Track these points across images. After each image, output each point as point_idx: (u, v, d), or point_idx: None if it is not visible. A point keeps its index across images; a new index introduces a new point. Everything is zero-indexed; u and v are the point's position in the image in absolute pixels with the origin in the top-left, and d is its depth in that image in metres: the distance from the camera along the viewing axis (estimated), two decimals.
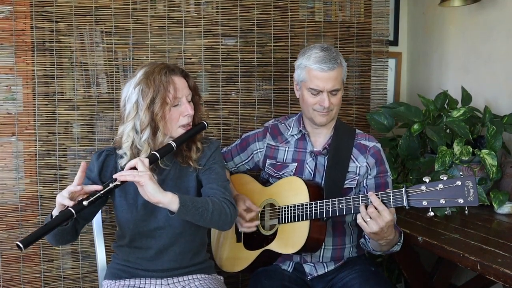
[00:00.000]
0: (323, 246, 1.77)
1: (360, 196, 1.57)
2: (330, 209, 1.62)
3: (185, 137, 1.62)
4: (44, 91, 2.04)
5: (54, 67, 2.05)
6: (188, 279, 1.68)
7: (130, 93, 1.57)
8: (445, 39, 2.58)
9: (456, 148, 1.99)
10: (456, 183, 1.40)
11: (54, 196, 1.58)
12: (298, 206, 1.70)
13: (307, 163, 1.83)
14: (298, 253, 1.71)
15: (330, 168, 1.77)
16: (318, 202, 1.65)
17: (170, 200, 1.43)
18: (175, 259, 1.66)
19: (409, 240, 1.75)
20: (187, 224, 1.58)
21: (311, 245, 1.69)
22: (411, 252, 2.11)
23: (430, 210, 1.44)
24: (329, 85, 1.72)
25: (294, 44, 2.38)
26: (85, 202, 1.38)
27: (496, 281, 1.41)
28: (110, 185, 1.43)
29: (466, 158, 1.98)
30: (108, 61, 2.11)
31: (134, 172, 1.41)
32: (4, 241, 2.02)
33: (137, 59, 2.15)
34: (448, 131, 2.16)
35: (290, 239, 1.72)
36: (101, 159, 1.64)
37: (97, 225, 1.89)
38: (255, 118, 2.36)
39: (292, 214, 1.71)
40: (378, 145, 1.84)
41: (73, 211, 1.36)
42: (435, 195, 1.42)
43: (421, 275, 2.17)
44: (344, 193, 1.77)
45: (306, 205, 1.68)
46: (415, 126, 2.15)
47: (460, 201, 1.39)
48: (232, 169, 2.02)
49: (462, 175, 1.44)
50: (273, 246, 1.76)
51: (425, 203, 1.44)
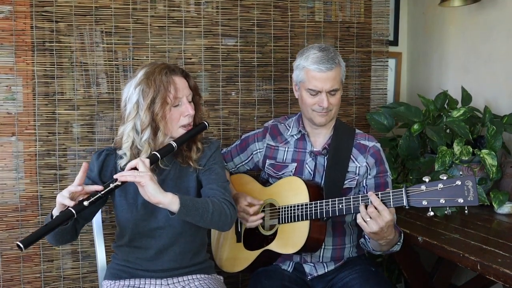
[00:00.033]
0: (323, 246, 1.77)
1: (360, 196, 1.57)
2: (330, 209, 1.62)
3: (186, 137, 1.61)
4: (44, 91, 2.04)
5: (54, 67, 2.05)
6: (188, 279, 1.68)
7: (131, 93, 1.57)
8: (445, 39, 2.58)
9: (456, 148, 1.99)
10: (456, 183, 1.40)
11: (54, 196, 1.58)
12: (298, 206, 1.70)
13: (306, 163, 1.83)
14: (298, 253, 1.71)
15: (329, 168, 1.77)
16: (318, 202, 1.65)
17: (170, 201, 1.43)
18: (175, 259, 1.66)
19: (409, 240, 1.75)
20: (187, 224, 1.58)
21: (311, 245, 1.69)
22: (411, 252, 2.11)
23: (430, 210, 1.44)
24: (328, 86, 1.72)
25: (294, 44, 2.37)
26: (85, 202, 1.38)
27: (496, 281, 1.40)
28: (111, 185, 1.43)
29: (466, 158, 1.98)
30: (108, 61, 2.11)
31: (135, 172, 1.41)
32: (4, 241, 2.02)
33: (137, 59, 2.15)
34: (448, 131, 2.16)
35: (290, 239, 1.72)
36: (101, 159, 1.65)
37: (97, 225, 1.89)
38: (255, 118, 2.36)
39: (292, 214, 1.71)
40: (378, 145, 1.84)
41: (73, 211, 1.36)
42: (435, 195, 1.42)
43: (421, 275, 2.17)
44: (344, 193, 1.77)
45: (306, 205, 1.68)
46: (415, 126, 2.15)
47: (460, 200, 1.39)
48: (232, 170, 2.02)
49: (462, 175, 1.44)
50: (273, 246, 1.76)
51: (425, 202, 1.44)
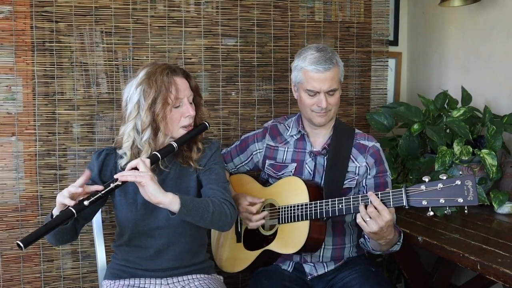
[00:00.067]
0: (323, 246, 1.77)
1: (359, 196, 1.57)
2: (330, 209, 1.62)
3: (187, 138, 1.62)
4: (44, 91, 2.04)
5: (54, 67, 2.05)
6: (188, 279, 1.68)
7: (132, 93, 1.57)
8: (445, 39, 2.58)
9: (456, 148, 1.99)
10: (456, 183, 1.40)
11: (54, 196, 1.58)
12: (298, 206, 1.70)
13: (306, 163, 1.83)
14: (298, 253, 1.71)
15: (329, 168, 1.77)
16: (318, 202, 1.65)
17: (171, 201, 1.43)
18: (175, 259, 1.66)
19: (409, 240, 1.75)
20: (187, 224, 1.58)
21: (311, 245, 1.69)
22: (411, 252, 2.11)
23: (430, 210, 1.44)
24: (326, 86, 1.72)
25: (294, 44, 2.37)
26: (86, 202, 1.38)
27: (496, 281, 1.40)
28: (111, 185, 1.43)
29: (466, 158, 1.98)
30: (108, 61, 2.11)
31: (135, 172, 1.41)
32: (4, 241, 2.02)
33: (137, 59, 2.15)
34: (448, 131, 2.16)
35: (290, 239, 1.72)
36: (101, 159, 1.65)
37: (97, 225, 1.89)
38: (255, 118, 2.36)
39: (292, 214, 1.71)
40: (378, 145, 1.84)
41: (73, 210, 1.36)
42: (435, 195, 1.42)
43: (421, 275, 2.17)
44: (344, 193, 1.77)
45: (306, 205, 1.68)
46: (415, 126, 2.15)
47: (460, 200, 1.39)
48: (232, 170, 2.02)
49: (461, 174, 1.44)
50: (273, 246, 1.76)
51: (424, 202, 1.44)
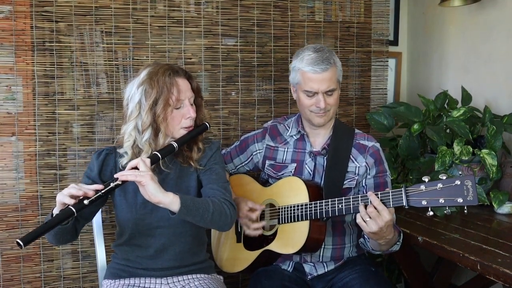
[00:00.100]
0: (323, 246, 1.77)
1: (359, 196, 1.57)
2: (330, 209, 1.62)
3: (187, 138, 1.62)
4: (44, 91, 2.04)
5: (54, 67, 2.05)
6: (188, 279, 1.68)
7: (133, 92, 1.57)
8: (445, 39, 2.58)
9: (456, 148, 1.98)
10: (455, 183, 1.40)
11: (54, 196, 1.59)
12: (297, 206, 1.70)
13: (306, 164, 1.83)
14: (298, 253, 1.71)
15: (329, 168, 1.77)
16: (318, 202, 1.65)
17: (171, 201, 1.43)
18: (175, 258, 1.66)
19: (409, 240, 1.75)
20: (187, 223, 1.58)
21: (311, 245, 1.69)
22: (411, 252, 2.11)
23: (430, 210, 1.44)
24: (324, 86, 1.72)
25: (294, 44, 2.37)
26: (85, 201, 1.38)
27: (496, 281, 1.40)
28: (111, 185, 1.43)
29: (466, 158, 1.98)
30: (108, 61, 2.11)
31: (135, 172, 1.41)
32: (4, 241, 2.03)
33: (137, 59, 2.15)
34: (448, 131, 2.16)
35: (290, 239, 1.72)
36: (101, 158, 1.65)
37: (97, 225, 1.89)
38: (255, 118, 2.36)
39: (292, 214, 1.71)
40: (377, 145, 1.84)
41: (73, 209, 1.36)
42: (435, 195, 1.42)
43: (421, 275, 2.16)
44: (344, 193, 1.77)
45: (305, 205, 1.68)
46: (415, 126, 2.15)
47: (460, 200, 1.39)
48: (232, 171, 2.02)
49: (461, 174, 1.44)
50: (273, 246, 1.76)
51: (424, 202, 1.44)
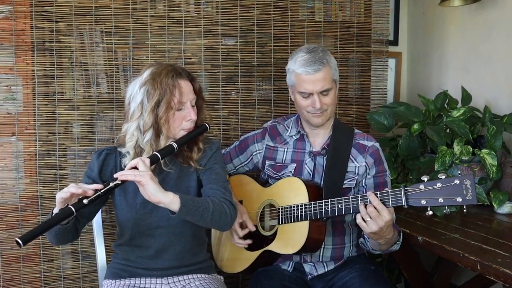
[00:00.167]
0: (323, 246, 1.77)
1: (359, 195, 1.57)
2: (330, 209, 1.62)
3: (187, 139, 1.62)
4: (44, 91, 2.04)
5: (54, 67, 2.05)
6: (188, 279, 1.68)
7: (135, 92, 1.56)
8: (445, 39, 2.58)
9: (456, 148, 1.98)
10: (455, 182, 1.39)
11: (54, 196, 1.58)
12: (297, 206, 1.70)
13: (306, 164, 1.83)
14: (298, 253, 1.71)
15: (329, 168, 1.77)
16: (318, 202, 1.65)
17: (171, 200, 1.42)
18: (175, 258, 1.66)
19: (409, 240, 1.75)
20: (187, 223, 1.58)
21: (311, 245, 1.69)
22: (411, 252, 2.11)
23: (429, 209, 1.44)
24: (318, 87, 1.72)
25: (294, 44, 2.37)
26: (85, 201, 1.38)
27: (496, 281, 1.40)
28: (111, 184, 1.43)
29: (466, 158, 1.98)
30: (108, 61, 2.11)
31: (135, 171, 1.41)
32: (4, 241, 2.03)
33: (137, 59, 2.15)
34: (448, 131, 2.16)
35: (290, 239, 1.72)
36: (101, 158, 1.65)
37: (97, 225, 1.90)
38: (255, 118, 2.36)
39: (292, 215, 1.71)
40: (377, 145, 1.84)
41: (73, 209, 1.36)
42: (434, 194, 1.42)
43: (421, 275, 2.16)
44: (343, 193, 1.77)
45: (305, 205, 1.68)
46: (415, 126, 2.15)
47: (459, 199, 1.39)
48: (231, 171, 2.02)
49: (460, 174, 1.44)
50: (273, 247, 1.76)
51: (423, 202, 1.43)
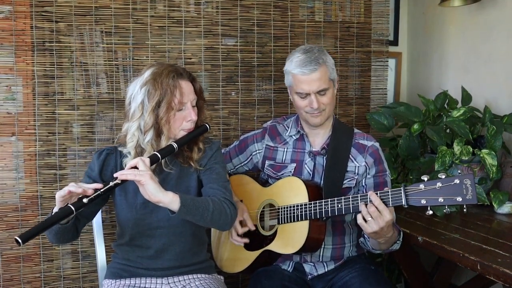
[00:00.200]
0: (323, 246, 1.77)
1: (359, 195, 1.57)
2: (329, 209, 1.62)
3: (187, 139, 1.62)
4: (44, 91, 2.05)
5: (54, 67, 2.05)
6: (189, 279, 1.68)
7: (136, 92, 1.56)
8: (445, 39, 2.58)
9: (456, 148, 1.98)
10: (455, 181, 1.39)
11: (54, 196, 1.59)
12: (297, 206, 1.70)
13: (305, 164, 1.83)
14: (297, 253, 1.71)
15: (329, 168, 1.77)
16: (317, 202, 1.65)
17: (171, 200, 1.42)
18: (176, 258, 1.66)
19: (409, 240, 1.75)
20: (187, 223, 1.58)
21: (311, 245, 1.69)
22: (411, 252, 2.11)
23: (429, 209, 1.44)
24: (314, 87, 1.72)
25: (294, 44, 2.37)
26: (85, 200, 1.38)
27: (496, 281, 1.40)
28: (111, 184, 1.43)
29: (466, 158, 1.98)
30: (108, 61, 2.11)
31: (135, 171, 1.41)
32: (4, 241, 2.03)
33: (137, 59, 2.15)
34: (448, 131, 2.16)
35: (290, 239, 1.72)
36: (101, 158, 1.65)
37: (97, 225, 1.90)
38: (255, 118, 2.36)
39: (292, 214, 1.71)
40: (377, 144, 1.84)
41: (72, 208, 1.36)
42: (434, 194, 1.42)
43: (421, 275, 2.16)
44: (343, 192, 1.77)
45: (305, 205, 1.67)
46: (415, 126, 2.15)
47: (459, 199, 1.39)
48: (231, 171, 2.02)
49: (460, 173, 1.44)
50: (273, 247, 1.76)
51: (423, 201, 1.43)
